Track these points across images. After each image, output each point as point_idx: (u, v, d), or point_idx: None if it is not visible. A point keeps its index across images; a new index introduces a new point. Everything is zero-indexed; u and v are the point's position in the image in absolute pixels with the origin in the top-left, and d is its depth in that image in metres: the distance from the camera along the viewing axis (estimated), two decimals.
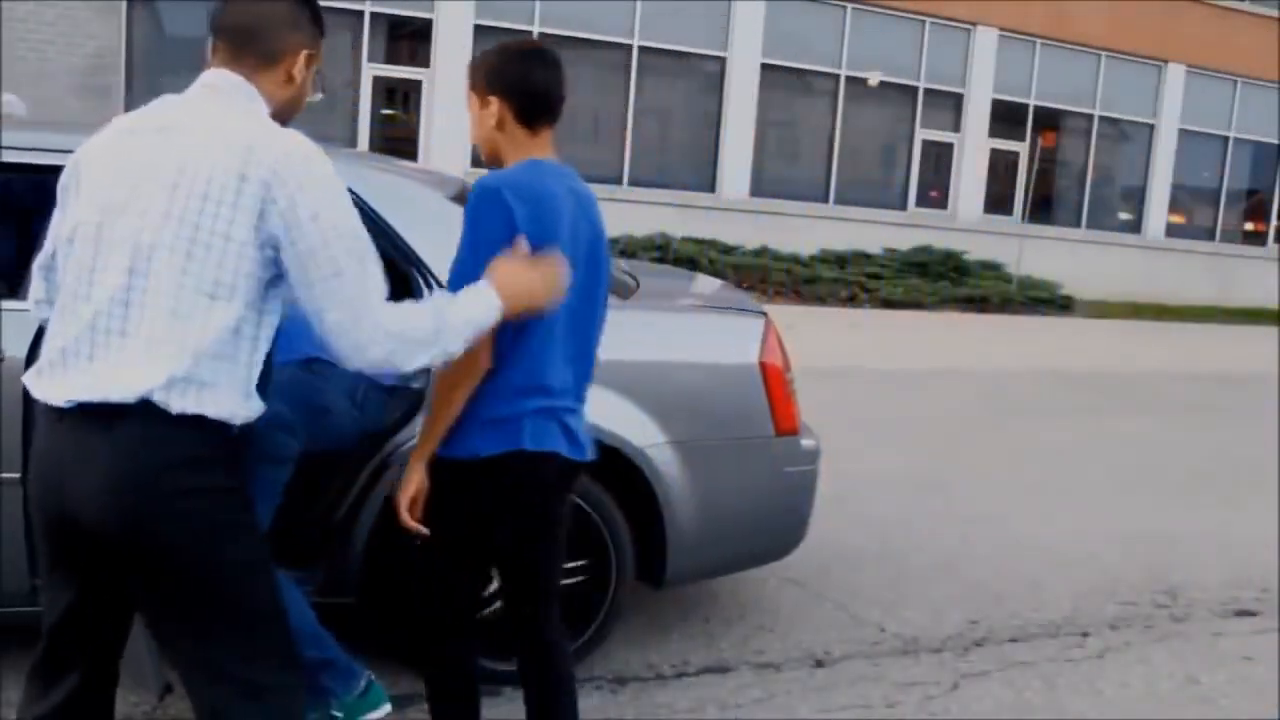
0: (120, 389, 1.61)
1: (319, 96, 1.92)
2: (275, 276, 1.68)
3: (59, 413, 1.67)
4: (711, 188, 15.61)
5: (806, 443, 3.24)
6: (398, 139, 14.28)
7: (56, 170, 1.83)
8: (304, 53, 1.80)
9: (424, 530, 2.07)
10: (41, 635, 1.85)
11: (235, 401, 1.68)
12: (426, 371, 2.59)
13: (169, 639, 1.77)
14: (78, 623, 1.82)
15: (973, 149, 17.27)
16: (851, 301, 14.26)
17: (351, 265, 1.67)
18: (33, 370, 1.74)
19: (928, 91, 16.88)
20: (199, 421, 1.65)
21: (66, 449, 1.67)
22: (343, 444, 2.80)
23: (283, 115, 1.81)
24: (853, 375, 8.49)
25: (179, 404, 1.62)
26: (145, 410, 1.61)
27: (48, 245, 1.84)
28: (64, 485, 1.67)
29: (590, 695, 2.95)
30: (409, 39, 14.32)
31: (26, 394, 2.51)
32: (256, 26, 1.75)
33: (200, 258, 1.61)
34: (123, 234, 1.63)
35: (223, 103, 1.72)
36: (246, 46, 1.75)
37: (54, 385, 1.67)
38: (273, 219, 1.63)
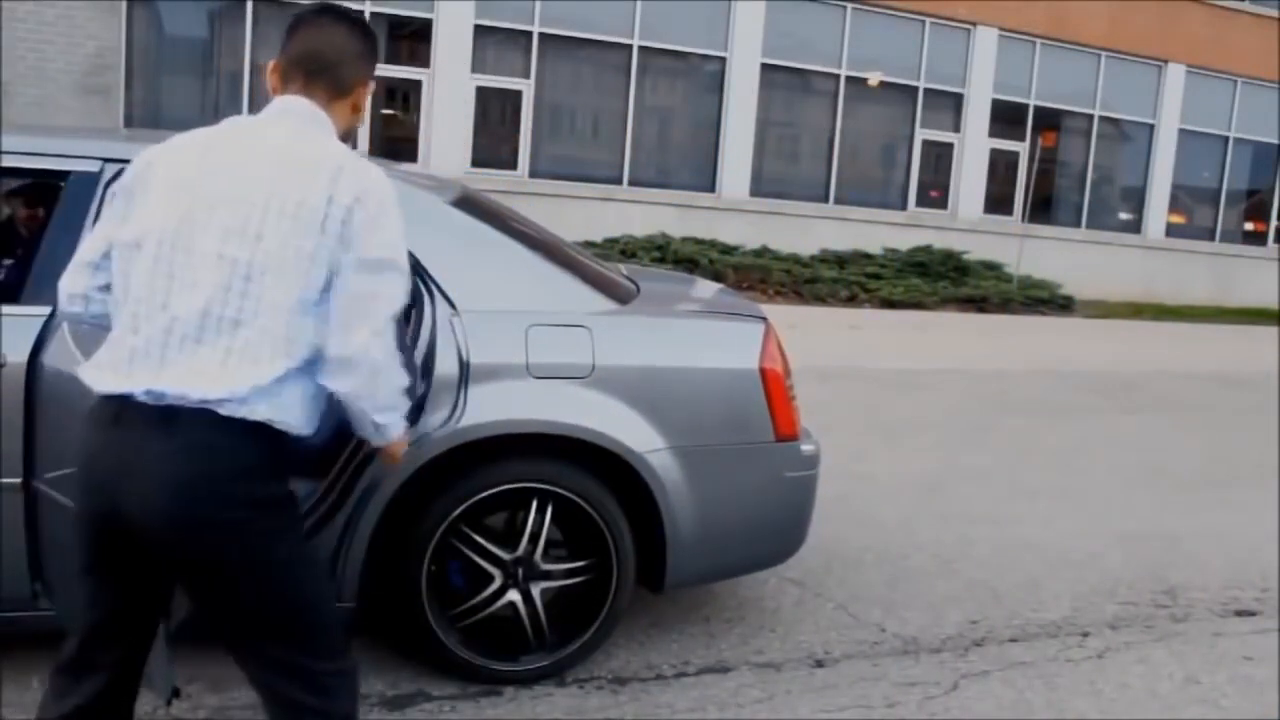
0: (198, 394, 1.67)
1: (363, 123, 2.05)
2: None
3: (120, 412, 1.70)
4: (711, 188, 15.62)
5: (806, 448, 3.24)
6: (397, 139, 14.29)
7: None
8: (370, 84, 1.95)
9: None
10: (70, 635, 1.88)
11: (304, 413, 1.78)
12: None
13: (226, 634, 1.84)
14: (113, 624, 1.85)
15: (973, 149, 17.27)
16: (852, 302, 14.26)
17: (396, 296, 1.80)
18: (91, 366, 1.78)
19: (928, 91, 16.88)
20: (267, 432, 1.72)
21: (128, 449, 1.70)
22: (347, 440, 2.79)
23: (343, 141, 1.92)
24: (853, 375, 8.50)
25: (254, 414, 1.69)
26: (218, 418, 1.68)
27: (97, 244, 1.86)
28: (121, 485, 1.70)
29: (590, 695, 2.95)
30: (409, 39, 14.32)
31: (28, 395, 2.53)
32: (332, 59, 1.87)
33: (288, 275, 1.71)
34: (207, 247, 1.70)
35: (302, 128, 1.83)
36: (320, 77, 1.86)
37: (120, 382, 1.71)
38: (347, 239, 1.73)
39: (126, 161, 2.78)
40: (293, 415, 1.75)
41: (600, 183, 14.91)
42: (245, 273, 1.69)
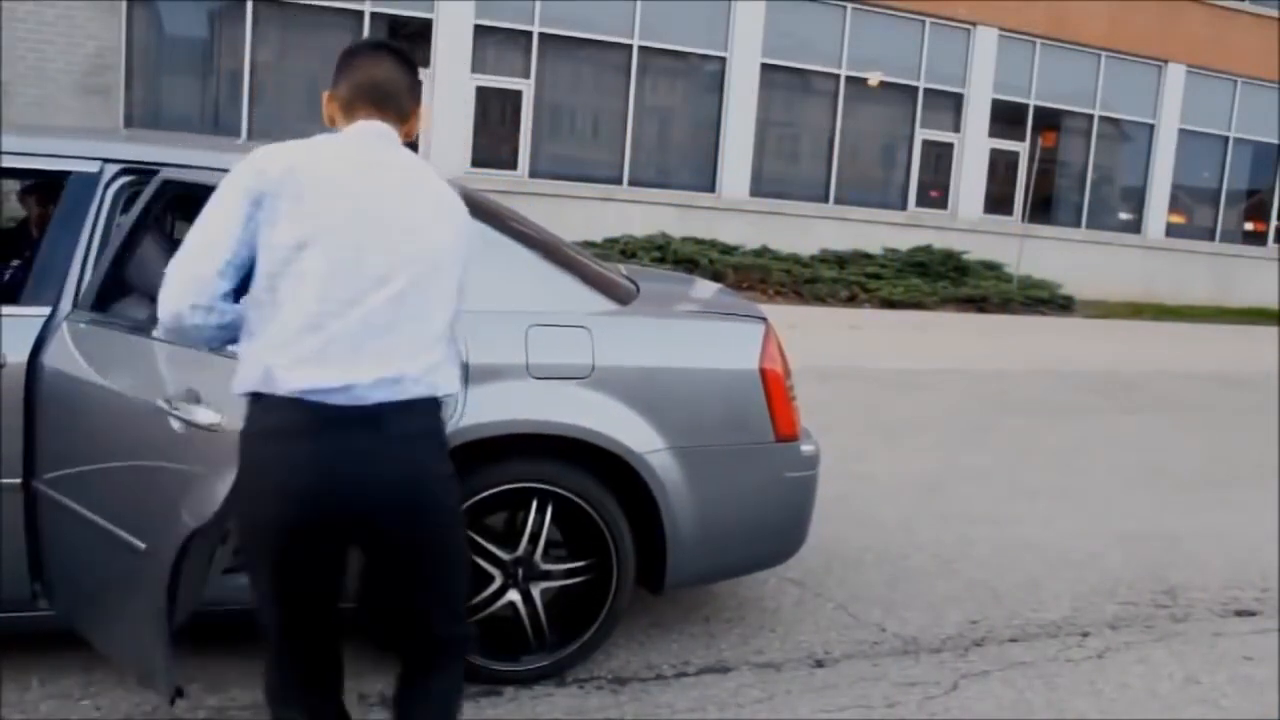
0: (399, 385, 1.84)
1: None
2: None
3: (321, 413, 1.79)
4: (711, 188, 15.61)
5: (806, 448, 3.24)
6: None
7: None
8: (419, 112, 2.11)
9: None
10: (280, 642, 1.98)
11: (457, 378, 2.02)
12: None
13: (401, 600, 1.99)
14: (321, 614, 1.97)
15: (973, 149, 17.27)
16: (852, 301, 14.26)
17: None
18: (280, 367, 1.80)
19: (928, 91, 16.88)
20: (439, 405, 1.94)
21: (340, 448, 1.81)
22: None
23: None
24: (853, 375, 8.50)
25: (436, 390, 1.90)
26: (416, 403, 1.87)
27: (219, 251, 1.83)
28: (336, 485, 1.81)
29: (590, 695, 2.95)
30: (409, 39, 14.31)
31: (28, 395, 2.54)
32: (396, 91, 2.03)
33: (451, 266, 1.96)
34: (387, 245, 1.86)
35: (401, 150, 2.01)
36: (386, 105, 2.02)
37: (317, 378, 1.80)
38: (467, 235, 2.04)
39: (126, 161, 2.81)
40: (454, 382, 1.97)
41: (600, 183, 14.91)
42: (424, 267, 1.89)
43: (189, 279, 1.83)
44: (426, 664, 2.04)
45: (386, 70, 2.03)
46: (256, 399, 1.84)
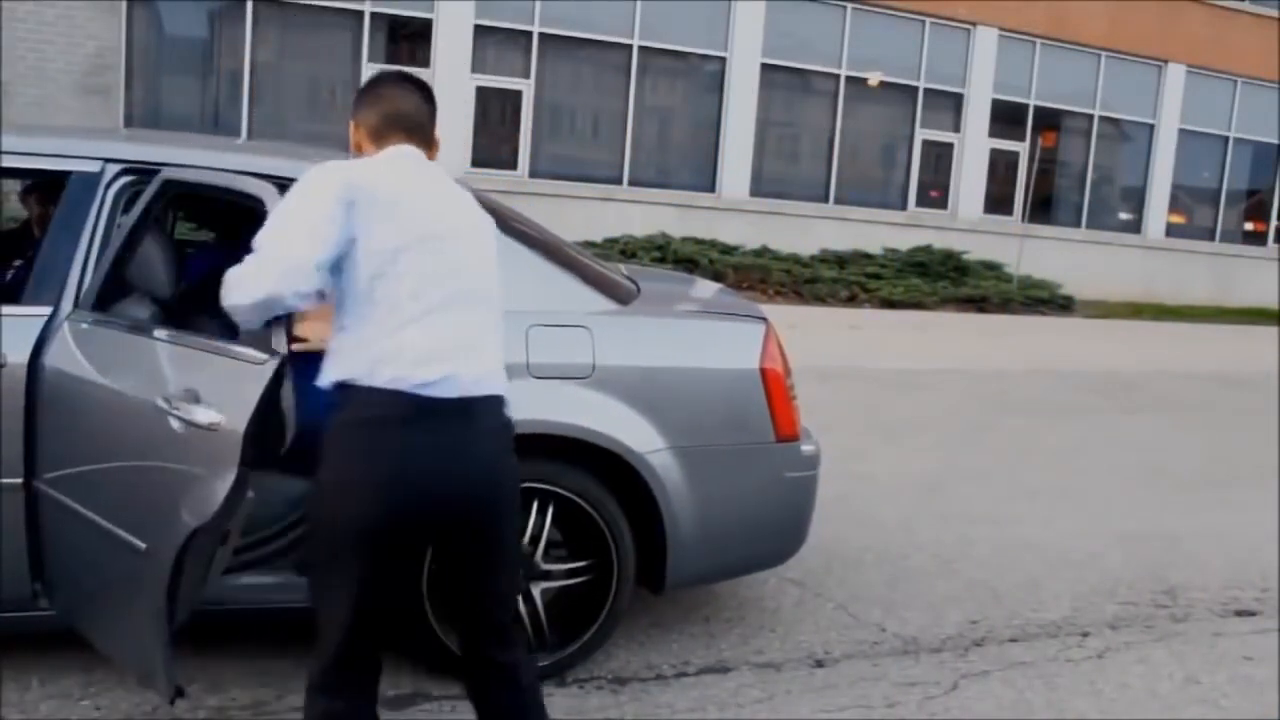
0: (489, 385, 2.04)
1: None
2: None
3: (426, 407, 1.93)
4: (711, 188, 15.61)
5: (807, 448, 3.24)
6: None
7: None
8: (438, 139, 2.24)
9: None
10: (344, 636, 2.00)
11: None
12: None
13: (470, 586, 2.10)
14: (394, 610, 2.10)
15: (973, 149, 17.27)
16: (852, 301, 14.26)
17: None
18: (384, 361, 1.93)
19: (928, 91, 16.88)
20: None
21: (444, 440, 1.96)
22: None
23: None
24: (853, 375, 8.50)
25: (503, 387, 2.09)
26: (497, 399, 2.07)
27: (328, 247, 1.90)
28: (441, 475, 1.95)
29: (590, 695, 2.95)
30: (409, 39, 14.32)
31: (28, 395, 2.54)
32: (423, 120, 2.18)
33: (495, 277, 2.15)
34: (465, 254, 2.06)
35: (439, 168, 2.18)
36: (415, 133, 2.16)
37: (428, 373, 1.94)
38: None
39: (127, 161, 2.81)
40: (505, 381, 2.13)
41: (600, 183, 14.91)
42: (488, 271, 2.11)
43: (293, 267, 1.87)
44: (492, 646, 2.13)
45: (414, 101, 2.17)
46: (352, 390, 1.94)
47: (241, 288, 1.90)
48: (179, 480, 2.21)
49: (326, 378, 1.97)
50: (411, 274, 1.96)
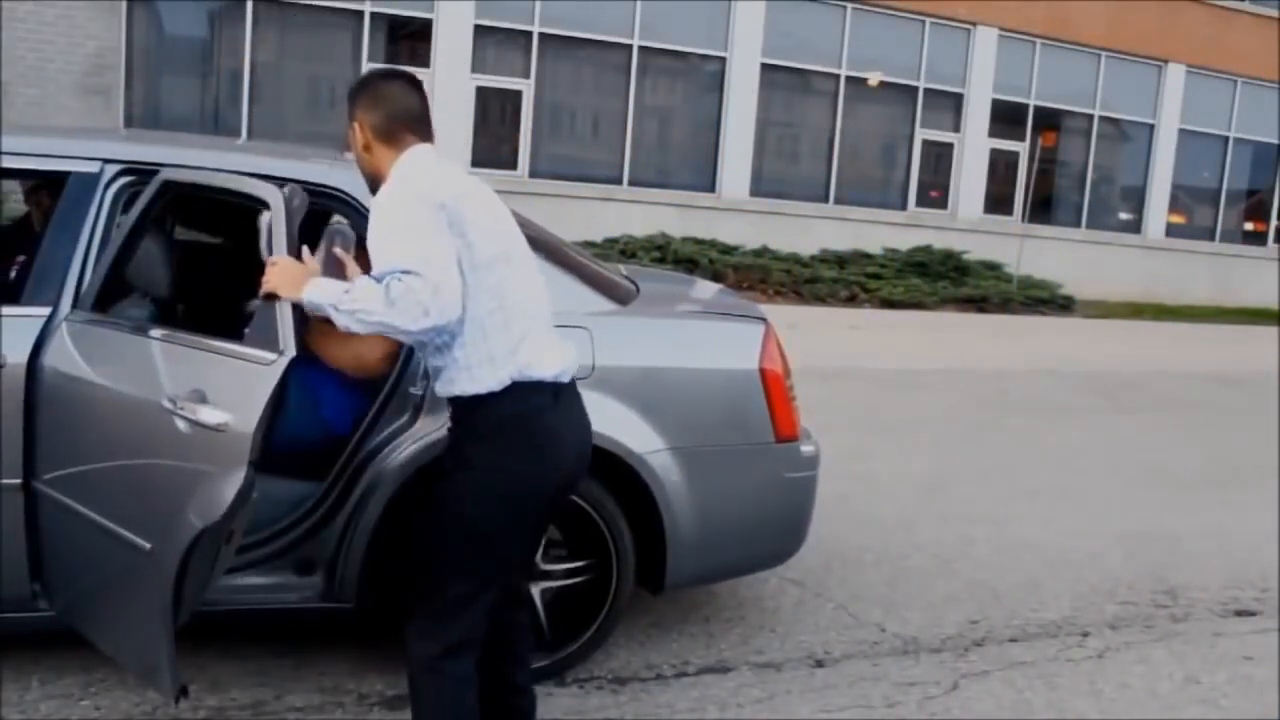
0: (571, 371, 2.23)
1: None
2: None
3: (557, 392, 2.18)
4: (711, 188, 15.61)
5: (806, 449, 3.24)
6: None
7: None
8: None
9: None
10: (477, 602, 2.18)
11: None
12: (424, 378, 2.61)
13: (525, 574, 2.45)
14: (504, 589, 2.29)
15: (973, 149, 17.27)
16: (852, 301, 14.25)
17: None
18: (532, 359, 2.13)
19: (928, 91, 16.88)
20: None
21: (572, 419, 2.24)
22: (302, 445, 2.79)
23: None
24: (853, 375, 8.50)
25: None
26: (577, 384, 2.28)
27: (452, 253, 2.00)
28: (576, 450, 2.24)
29: (590, 695, 2.95)
30: (409, 39, 14.31)
31: (28, 395, 2.53)
32: (427, 115, 2.24)
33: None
34: (527, 258, 2.24)
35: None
36: (421, 129, 2.21)
37: (554, 367, 2.17)
38: None
39: (127, 162, 2.81)
40: None
41: (600, 183, 14.91)
42: (537, 275, 2.26)
43: (456, 283, 1.99)
44: (513, 608, 2.37)
45: (416, 98, 2.22)
46: (508, 388, 2.10)
47: (409, 313, 1.93)
48: (185, 480, 2.20)
49: (494, 383, 2.09)
50: (521, 276, 2.17)
